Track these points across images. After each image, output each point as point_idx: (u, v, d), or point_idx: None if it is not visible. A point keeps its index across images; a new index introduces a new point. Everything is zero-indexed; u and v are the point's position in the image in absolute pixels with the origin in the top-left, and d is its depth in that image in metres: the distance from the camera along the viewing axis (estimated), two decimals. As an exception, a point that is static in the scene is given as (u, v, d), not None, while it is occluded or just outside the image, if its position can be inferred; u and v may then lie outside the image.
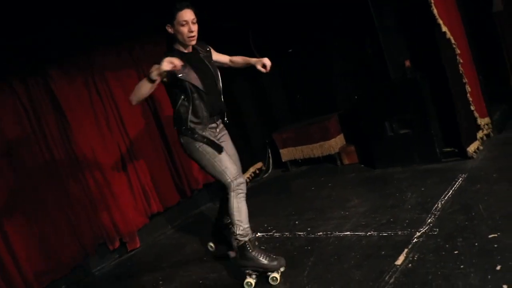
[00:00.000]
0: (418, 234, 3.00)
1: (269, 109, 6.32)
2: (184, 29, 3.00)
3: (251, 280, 3.03)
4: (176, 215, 5.15)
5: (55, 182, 4.18)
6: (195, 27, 3.04)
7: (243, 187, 3.08)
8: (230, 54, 5.84)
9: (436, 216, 3.18)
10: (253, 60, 3.44)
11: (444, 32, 4.03)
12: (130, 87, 3.71)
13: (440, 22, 4.01)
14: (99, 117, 4.56)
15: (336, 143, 5.33)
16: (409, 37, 4.42)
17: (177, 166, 5.09)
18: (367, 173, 4.76)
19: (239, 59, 3.54)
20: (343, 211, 3.88)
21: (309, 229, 3.73)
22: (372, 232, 3.25)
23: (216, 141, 3.14)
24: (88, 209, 4.34)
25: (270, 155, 6.30)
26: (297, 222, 3.99)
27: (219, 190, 3.42)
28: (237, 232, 3.02)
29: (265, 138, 6.22)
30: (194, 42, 3.11)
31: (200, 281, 3.42)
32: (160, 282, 3.66)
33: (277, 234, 3.86)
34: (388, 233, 3.16)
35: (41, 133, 4.15)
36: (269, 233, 3.95)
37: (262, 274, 3.05)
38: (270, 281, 3.01)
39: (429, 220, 3.15)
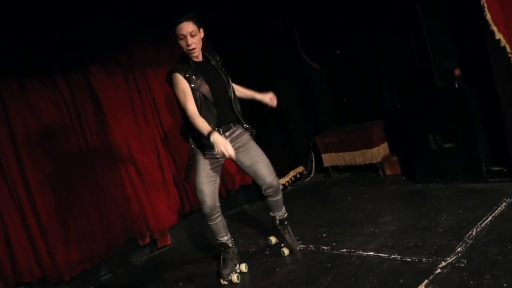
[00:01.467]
0: (443, 264, 2.77)
1: (315, 111, 6.15)
2: (183, 43, 3.05)
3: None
4: (196, 222, 5.13)
5: (90, 175, 4.32)
6: (193, 40, 3.05)
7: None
8: (277, 56, 5.82)
9: (468, 245, 2.92)
10: (258, 95, 3.55)
11: (498, 40, 3.68)
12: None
13: (494, 28, 3.65)
14: (137, 113, 4.64)
15: (379, 152, 5.08)
16: (459, 43, 4.09)
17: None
18: (407, 187, 4.50)
19: (242, 90, 3.55)
20: (373, 227, 3.69)
21: (334, 244, 3.58)
22: (395, 256, 3.05)
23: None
24: (121, 204, 4.45)
25: (313, 159, 6.15)
26: (324, 235, 3.85)
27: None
28: None
29: (310, 141, 6.08)
30: (195, 55, 3.12)
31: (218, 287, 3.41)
32: (181, 284, 3.68)
33: (302, 246, 3.74)
34: (412, 259, 2.95)
35: (79, 126, 4.31)
36: (294, 244, 3.85)
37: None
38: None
39: (459, 248, 2.91)
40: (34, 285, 4.02)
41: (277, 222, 3.65)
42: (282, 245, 3.69)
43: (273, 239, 3.94)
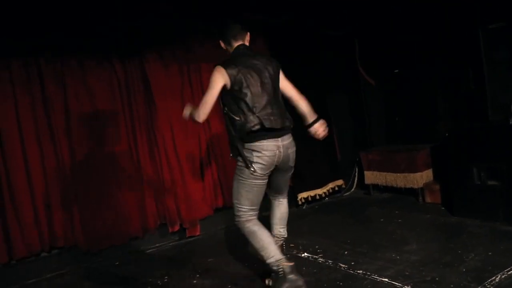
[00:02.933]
0: (454, 304, 2.68)
1: (365, 127, 6.05)
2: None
3: None
4: (218, 221, 5.19)
5: (133, 157, 4.55)
6: None
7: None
8: (332, 66, 5.78)
9: (486, 290, 2.80)
10: (309, 119, 3.27)
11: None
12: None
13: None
14: (186, 103, 4.78)
15: (422, 177, 4.93)
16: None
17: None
18: (443, 218, 4.33)
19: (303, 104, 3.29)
20: (395, 253, 3.60)
21: (352, 263, 3.54)
22: (409, 287, 2.98)
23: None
24: (157, 188, 4.63)
25: (356, 174, 6.07)
26: (346, 252, 3.81)
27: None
28: None
29: (355, 156, 5.99)
30: None
31: (229, 286, 3.46)
32: (197, 276, 3.79)
33: (321, 259, 3.73)
34: (424, 293, 2.87)
35: (128, 109, 4.53)
36: (314, 256, 3.83)
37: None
38: None
39: (476, 292, 2.79)
40: (66, 250, 4.31)
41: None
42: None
43: None
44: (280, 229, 3.31)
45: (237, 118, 2.92)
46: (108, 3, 4.00)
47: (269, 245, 2.94)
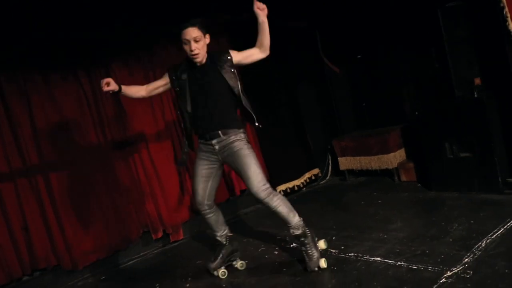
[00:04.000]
0: (448, 273, 2.76)
1: (334, 115, 6.15)
2: (186, 48, 3.14)
3: None
4: (223, 212, 5.19)
5: (107, 168, 4.43)
6: (197, 45, 3.10)
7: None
8: (297, 58, 5.83)
9: (475, 256, 2.91)
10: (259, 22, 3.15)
11: (520, 50, 3.64)
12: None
13: (516, 38, 3.62)
14: (156, 109, 4.73)
15: (395, 157, 5.06)
16: (480, 53, 4.04)
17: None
18: (421, 194, 4.47)
19: (261, 37, 3.22)
20: (382, 233, 3.69)
21: (342, 247, 3.60)
22: (402, 263, 3.05)
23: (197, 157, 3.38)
24: (136, 197, 4.55)
25: (330, 161, 6.16)
26: (334, 238, 3.86)
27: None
28: None
29: (327, 144, 6.08)
30: (198, 60, 3.17)
31: (224, 285, 3.45)
32: (189, 279, 3.74)
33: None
34: (418, 267, 2.94)
35: (98, 120, 4.42)
36: (303, 246, 3.87)
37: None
38: None
39: (466, 259, 2.89)
40: (49, 271, 4.16)
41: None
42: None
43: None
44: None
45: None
46: (68, 14, 3.89)
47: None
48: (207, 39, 3.19)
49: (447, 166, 4.20)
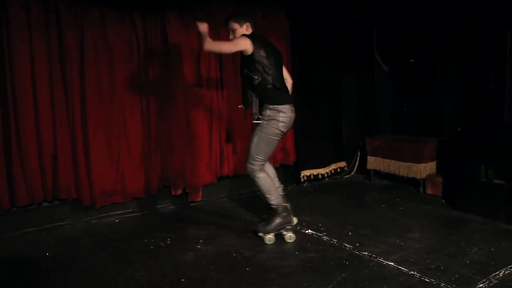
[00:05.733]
0: (461, 294, 2.75)
1: (373, 112, 6.07)
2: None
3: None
4: (244, 184, 5.23)
5: (142, 114, 4.52)
6: (232, 35, 3.67)
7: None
8: (349, 47, 5.75)
9: (491, 284, 2.87)
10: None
11: None
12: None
13: None
14: (202, 68, 4.73)
15: (425, 169, 5.00)
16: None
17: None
18: (444, 210, 4.42)
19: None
20: (399, 239, 3.67)
21: (357, 244, 3.60)
22: (415, 273, 3.04)
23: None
24: (164, 149, 4.61)
25: (358, 158, 6.11)
26: (350, 233, 3.86)
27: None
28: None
29: (359, 140, 6.03)
30: None
31: (234, 254, 3.50)
32: (201, 241, 3.80)
33: (326, 238, 3.79)
34: (430, 280, 2.93)
35: (144, 66, 4.46)
36: (318, 234, 3.88)
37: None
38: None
39: (481, 285, 2.86)
40: (68, 203, 4.28)
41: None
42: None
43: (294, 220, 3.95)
44: (276, 181, 3.89)
45: (255, 77, 3.55)
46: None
47: (273, 190, 3.69)
48: (244, 29, 3.65)
49: (478, 189, 4.13)
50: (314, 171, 5.57)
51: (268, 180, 3.67)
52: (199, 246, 3.70)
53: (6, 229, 4.02)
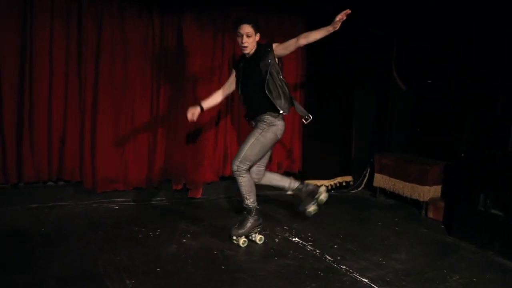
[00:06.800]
0: (424, 318, 2.71)
1: (385, 130, 6.00)
2: (239, 40, 3.62)
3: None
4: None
5: (152, 109, 4.68)
6: (247, 40, 3.58)
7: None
8: (367, 63, 5.71)
9: (459, 312, 2.82)
10: (327, 28, 3.48)
11: None
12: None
13: None
14: (215, 69, 4.86)
15: (429, 192, 4.90)
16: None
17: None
18: (439, 236, 4.33)
19: (312, 33, 3.54)
20: (383, 258, 3.63)
21: (338, 258, 3.59)
22: (386, 292, 3.02)
23: None
24: (169, 144, 4.75)
25: (367, 174, 6.05)
26: (335, 246, 3.86)
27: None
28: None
29: (370, 156, 5.97)
30: (246, 51, 3.66)
31: (215, 252, 3.57)
32: (188, 236, 3.90)
33: (310, 247, 3.80)
34: (398, 302, 2.90)
35: (157, 64, 4.62)
36: (304, 243, 3.90)
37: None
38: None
39: (449, 312, 2.81)
40: (71, 185, 4.48)
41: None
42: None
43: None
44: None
45: (287, 89, 3.70)
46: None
47: (254, 192, 3.77)
48: (257, 37, 3.65)
49: (475, 217, 4.02)
50: (319, 182, 5.54)
51: (251, 181, 3.75)
52: (184, 240, 3.80)
53: (12, 202, 4.27)
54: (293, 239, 3.99)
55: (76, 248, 3.48)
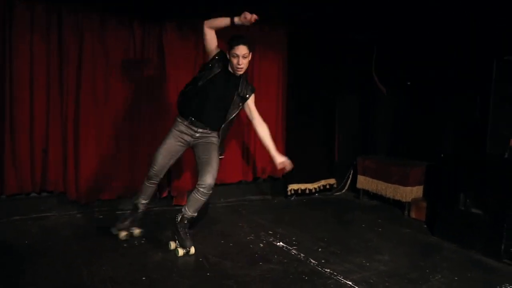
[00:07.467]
0: (407, 318, 2.76)
1: (368, 132, 6.09)
2: (234, 61, 3.49)
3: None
4: (231, 193, 5.33)
5: (135, 119, 4.69)
6: (243, 61, 3.49)
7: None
8: (348, 68, 5.78)
9: (441, 311, 2.88)
10: (273, 153, 3.82)
11: None
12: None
13: None
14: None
15: (411, 192, 4.99)
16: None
17: (249, 148, 5.30)
18: (422, 236, 4.41)
19: (264, 135, 3.81)
20: (366, 260, 3.69)
21: (323, 261, 3.63)
22: (369, 294, 3.07)
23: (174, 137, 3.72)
24: (152, 152, 4.69)
25: (350, 176, 6.12)
26: (320, 250, 3.91)
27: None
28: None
29: (353, 159, 6.04)
30: (240, 73, 3.58)
31: (200, 259, 3.59)
32: (165, 241, 3.87)
33: (294, 251, 3.83)
34: (382, 303, 2.96)
35: (140, 73, 4.63)
36: (288, 247, 3.93)
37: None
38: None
39: (431, 311, 2.87)
40: (54, 196, 4.46)
41: (179, 218, 3.71)
42: (178, 244, 3.70)
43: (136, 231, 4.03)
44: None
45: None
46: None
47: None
48: (250, 57, 3.57)
49: (455, 217, 4.11)
50: (302, 186, 5.62)
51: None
52: (171, 249, 3.80)
53: (-5, 215, 4.22)
54: (278, 243, 4.02)
55: (60, 260, 3.45)
